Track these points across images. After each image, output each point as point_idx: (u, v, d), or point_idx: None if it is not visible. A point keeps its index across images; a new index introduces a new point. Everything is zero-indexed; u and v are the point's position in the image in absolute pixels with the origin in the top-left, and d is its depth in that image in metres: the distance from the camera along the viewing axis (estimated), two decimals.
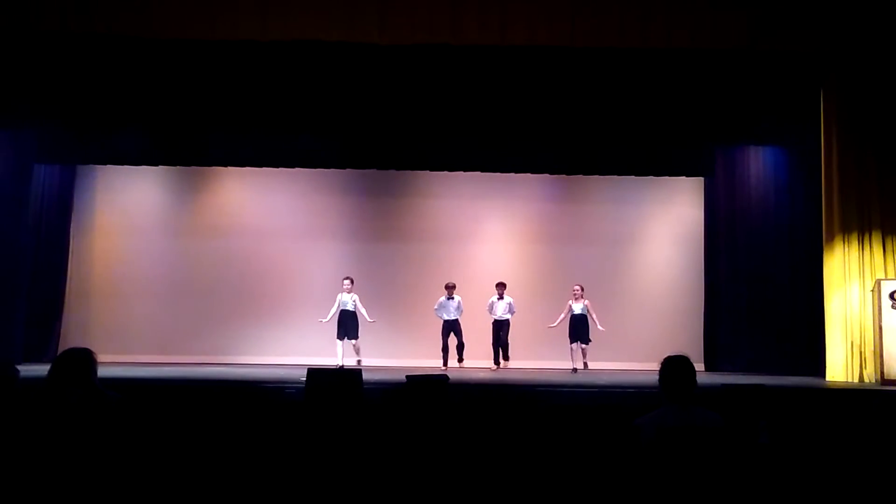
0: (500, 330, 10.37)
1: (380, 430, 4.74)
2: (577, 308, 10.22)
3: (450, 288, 10.38)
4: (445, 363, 10.27)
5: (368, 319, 10.08)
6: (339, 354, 9.99)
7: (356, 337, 10.05)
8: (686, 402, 3.50)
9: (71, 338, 10.52)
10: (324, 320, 10.06)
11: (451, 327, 10.34)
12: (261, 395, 6.94)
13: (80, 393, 3.56)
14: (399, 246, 11.63)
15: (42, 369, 3.91)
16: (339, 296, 10.08)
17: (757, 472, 3.81)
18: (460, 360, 10.35)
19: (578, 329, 10.19)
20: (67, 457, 3.34)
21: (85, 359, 3.68)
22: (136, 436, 3.70)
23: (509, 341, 10.38)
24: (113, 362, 9.23)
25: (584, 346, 10.23)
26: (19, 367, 4.02)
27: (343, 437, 4.61)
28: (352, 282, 10.13)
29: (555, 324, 10.28)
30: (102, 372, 3.80)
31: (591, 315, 10.23)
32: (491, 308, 10.43)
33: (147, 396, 5.87)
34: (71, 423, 3.42)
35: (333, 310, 10.05)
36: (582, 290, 10.30)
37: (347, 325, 9.99)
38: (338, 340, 10.03)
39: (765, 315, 10.75)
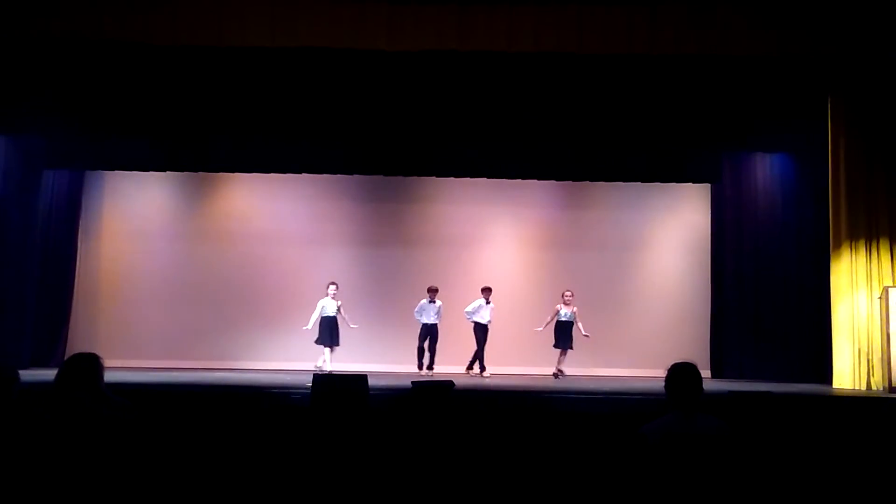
0: (485, 336, 10.33)
1: (385, 435, 4.74)
2: (566, 314, 10.16)
3: (432, 291, 10.38)
4: (421, 367, 10.27)
5: (352, 326, 10.05)
6: (327, 360, 9.96)
7: (338, 344, 10.04)
8: (692, 409, 3.49)
9: (78, 343, 10.53)
10: (307, 327, 9.98)
11: (429, 332, 10.32)
12: (267, 401, 6.95)
13: (87, 398, 3.57)
14: (405, 251, 11.63)
15: (49, 374, 3.93)
16: (324, 301, 10.02)
17: (763, 479, 3.80)
18: (430, 367, 10.29)
19: (567, 335, 10.11)
20: (75, 462, 3.35)
21: (92, 364, 3.69)
22: (143, 441, 3.70)
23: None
24: (120, 367, 9.24)
25: (567, 351, 10.16)
26: (27, 372, 4.04)
27: (349, 442, 4.61)
28: (337, 287, 10.09)
29: (541, 328, 10.20)
30: (109, 377, 3.81)
31: (577, 322, 10.16)
32: (476, 312, 10.37)
33: (154, 401, 5.87)
34: (78, 429, 3.43)
35: (316, 315, 9.98)
36: (573, 295, 10.25)
37: (334, 331, 9.98)
38: (325, 347, 9.94)
39: (772, 322, 10.71)
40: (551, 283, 11.39)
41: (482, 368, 10.28)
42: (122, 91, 9.70)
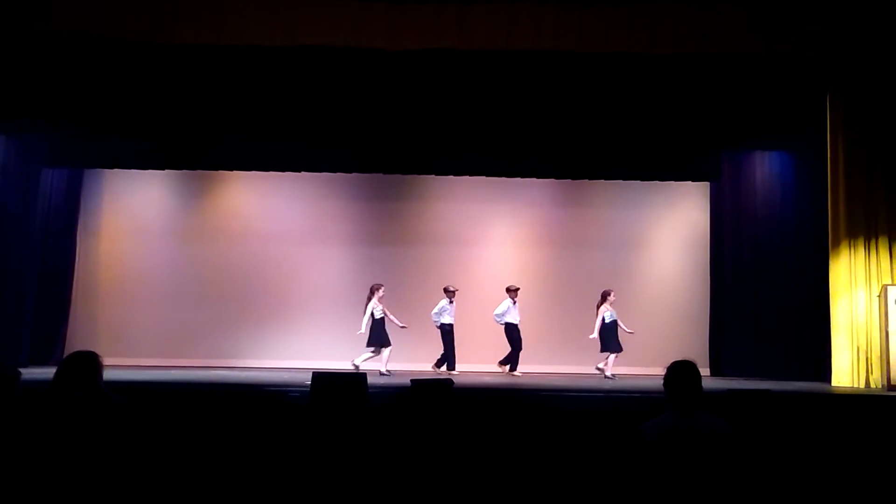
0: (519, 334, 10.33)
1: (384, 433, 4.74)
2: (610, 314, 10.05)
3: (455, 292, 10.38)
4: (453, 367, 10.25)
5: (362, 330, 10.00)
6: (384, 359, 9.91)
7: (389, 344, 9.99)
8: (691, 407, 3.49)
9: (77, 341, 10.52)
10: (405, 326, 10.01)
11: (452, 332, 10.32)
12: (266, 399, 6.95)
13: (86, 396, 3.56)
14: (404, 250, 11.64)
15: (48, 372, 3.93)
16: (372, 304, 9.99)
17: (762, 477, 3.80)
18: (440, 365, 10.30)
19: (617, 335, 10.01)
20: (73, 460, 3.34)
21: (90, 362, 3.69)
22: (142, 439, 3.70)
23: None
24: (118, 365, 9.24)
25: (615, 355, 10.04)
26: (25, 370, 4.04)
27: (348, 440, 4.61)
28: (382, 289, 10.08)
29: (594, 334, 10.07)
30: (108, 375, 3.81)
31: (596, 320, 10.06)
32: (507, 312, 10.33)
33: (152, 400, 5.88)
34: (76, 427, 3.43)
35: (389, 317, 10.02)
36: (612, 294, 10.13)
37: (383, 331, 9.95)
38: (383, 349, 9.90)
39: (771, 320, 10.71)
40: (550, 282, 11.41)
41: (513, 368, 10.25)
42: (121, 89, 9.69)
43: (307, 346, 10.98)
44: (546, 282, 11.43)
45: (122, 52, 9.11)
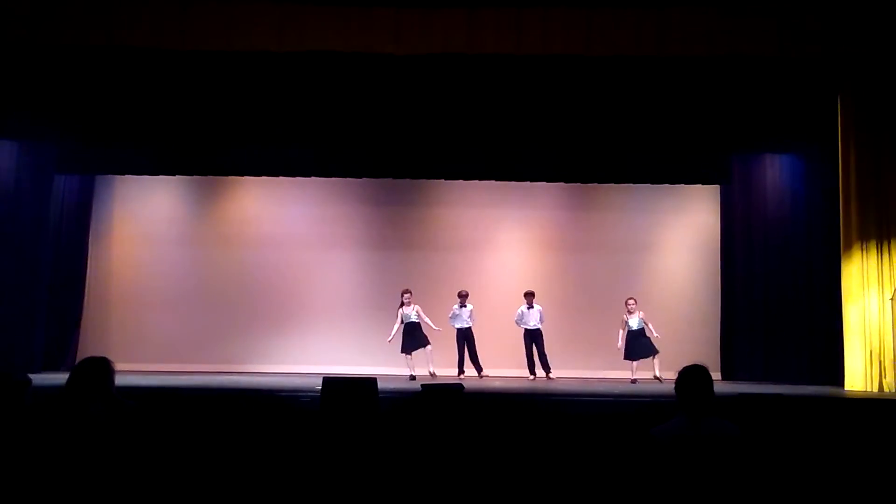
0: (535, 341, 10.31)
1: (395, 438, 4.75)
2: (634, 322, 10.06)
3: (463, 296, 10.37)
4: (462, 371, 10.25)
5: (435, 328, 10.06)
6: (410, 367, 9.91)
7: (428, 343, 9.99)
8: (703, 411, 3.48)
9: (89, 346, 10.59)
10: (389, 340, 9.99)
11: (465, 336, 10.32)
12: (276, 404, 6.96)
13: (98, 402, 3.58)
14: (414, 255, 11.65)
15: (61, 378, 3.95)
16: (400, 311, 10.01)
17: (774, 482, 3.78)
18: (479, 371, 10.28)
19: (640, 344, 10.01)
20: (85, 465, 3.36)
21: (103, 368, 3.71)
22: (154, 444, 3.72)
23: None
24: (130, 371, 9.29)
25: (654, 357, 9.98)
26: (38, 376, 4.06)
27: (358, 445, 4.61)
28: (411, 294, 10.09)
29: (620, 344, 10.12)
30: (120, 380, 3.82)
31: (647, 326, 10.07)
32: (521, 318, 10.37)
33: (164, 405, 5.90)
34: (89, 432, 3.45)
35: (397, 326, 9.99)
36: (636, 302, 10.18)
37: (416, 335, 9.97)
38: (404, 354, 9.94)
39: (782, 324, 10.66)
40: (560, 286, 11.39)
41: (531, 372, 10.27)
42: (131, 96, 9.75)
43: (318, 351, 11.00)
44: (556, 286, 11.41)
45: (131, 59, 9.18)
